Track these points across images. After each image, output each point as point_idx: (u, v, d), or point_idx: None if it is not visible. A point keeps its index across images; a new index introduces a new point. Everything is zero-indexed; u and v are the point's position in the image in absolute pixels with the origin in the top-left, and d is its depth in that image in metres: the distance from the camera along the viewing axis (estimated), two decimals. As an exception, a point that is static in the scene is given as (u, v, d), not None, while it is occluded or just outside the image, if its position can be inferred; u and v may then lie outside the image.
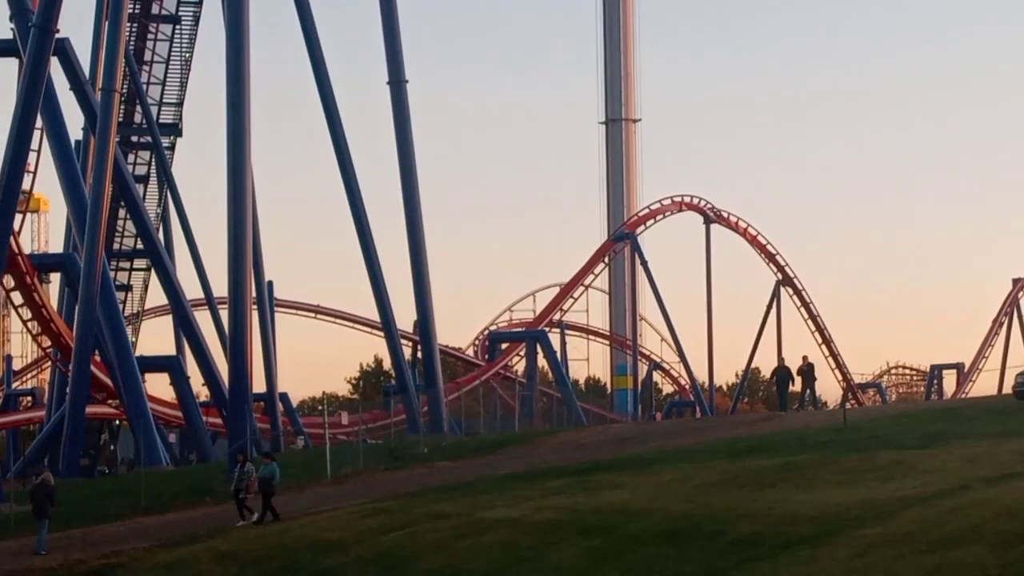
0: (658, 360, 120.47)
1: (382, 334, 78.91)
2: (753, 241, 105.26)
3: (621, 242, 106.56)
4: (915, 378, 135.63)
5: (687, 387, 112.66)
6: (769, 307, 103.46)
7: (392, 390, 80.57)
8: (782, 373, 55.70)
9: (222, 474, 48.06)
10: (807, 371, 55.29)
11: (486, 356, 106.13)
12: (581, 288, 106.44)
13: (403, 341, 78.41)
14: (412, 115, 70.12)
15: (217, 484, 46.23)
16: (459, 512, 31.20)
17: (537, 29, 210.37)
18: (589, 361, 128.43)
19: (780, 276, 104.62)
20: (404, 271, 70.38)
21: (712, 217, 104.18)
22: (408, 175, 70.04)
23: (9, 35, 64.36)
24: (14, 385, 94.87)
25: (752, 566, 21.62)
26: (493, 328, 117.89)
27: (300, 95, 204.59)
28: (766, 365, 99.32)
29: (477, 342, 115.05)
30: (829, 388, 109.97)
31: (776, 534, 23.01)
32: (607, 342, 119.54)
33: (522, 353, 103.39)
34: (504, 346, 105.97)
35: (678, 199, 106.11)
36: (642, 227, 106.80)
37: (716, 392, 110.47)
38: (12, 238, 60.38)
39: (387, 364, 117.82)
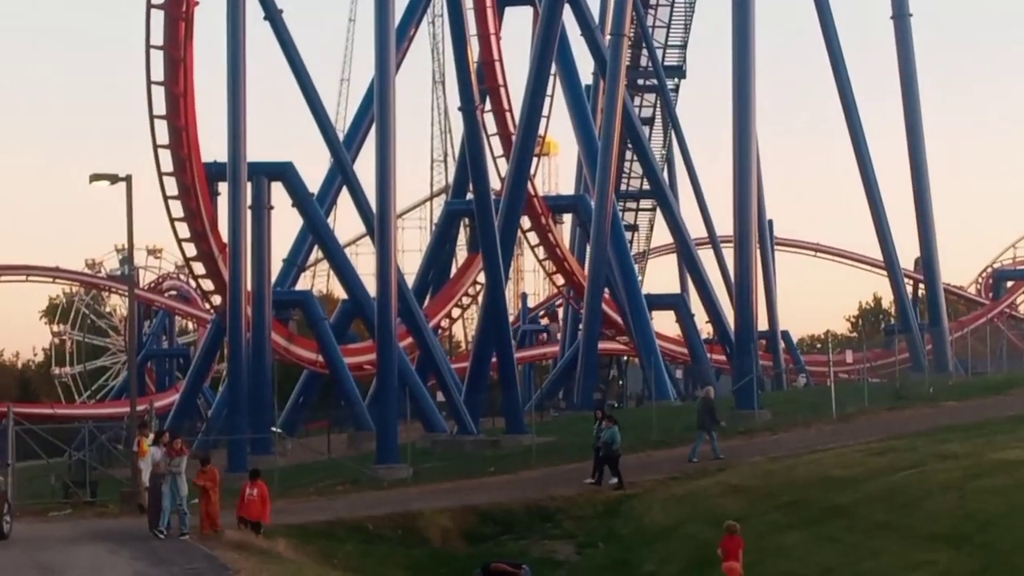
0: None
1: (882, 272, 78.28)
2: None
3: None
4: None
5: None
6: None
7: (894, 329, 79.82)
8: None
9: (729, 409, 49.22)
10: None
11: (990, 294, 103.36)
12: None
13: (905, 279, 77.51)
14: (915, 48, 69.18)
15: (724, 420, 47.41)
16: (969, 452, 31.05)
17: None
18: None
19: None
20: (906, 207, 69.59)
21: None
22: (912, 110, 68.99)
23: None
24: (529, 322, 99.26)
25: None
26: (997, 266, 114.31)
27: (802, 31, 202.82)
28: None
29: (980, 280, 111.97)
30: None
31: None
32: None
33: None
34: (1009, 284, 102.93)
35: None
36: None
37: None
38: (528, 181, 63.41)
39: (886, 302, 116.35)
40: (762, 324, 71.75)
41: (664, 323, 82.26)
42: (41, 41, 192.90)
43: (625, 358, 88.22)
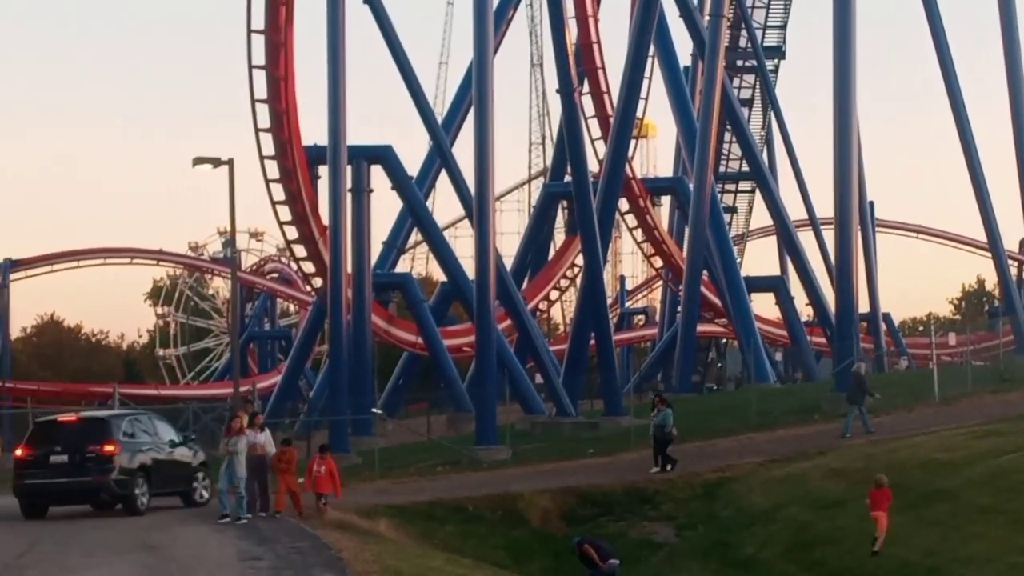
0: None
1: (986, 253, 77.32)
2: None
3: None
4: None
5: None
6: None
7: (998, 311, 78.83)
8: None
9: (829, 392, 48.90)
10: None
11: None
12: None
13: (1009, 261, 76.54)
14: (1020, 22, 68.09)
15: (825, 403, 47.15)
16: (1077, 437, 30.68)
17: None
18: None
19: None
20: (1011, 187, 68.60)
21: None
22: (1017, 86, 67.89)
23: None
24: (627, 304, 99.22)
25: None
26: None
27: (903, 7, 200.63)
28: None
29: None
30: None
31: None
32: None
33: None
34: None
35: None
36: None
37: None
38: (626, 163, 63.28)
39: (990, 284, 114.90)
40: (863, 306, 70.88)
41: (764, 305, 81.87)
42: (143, 26, 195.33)
43: (724, 340, 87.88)
